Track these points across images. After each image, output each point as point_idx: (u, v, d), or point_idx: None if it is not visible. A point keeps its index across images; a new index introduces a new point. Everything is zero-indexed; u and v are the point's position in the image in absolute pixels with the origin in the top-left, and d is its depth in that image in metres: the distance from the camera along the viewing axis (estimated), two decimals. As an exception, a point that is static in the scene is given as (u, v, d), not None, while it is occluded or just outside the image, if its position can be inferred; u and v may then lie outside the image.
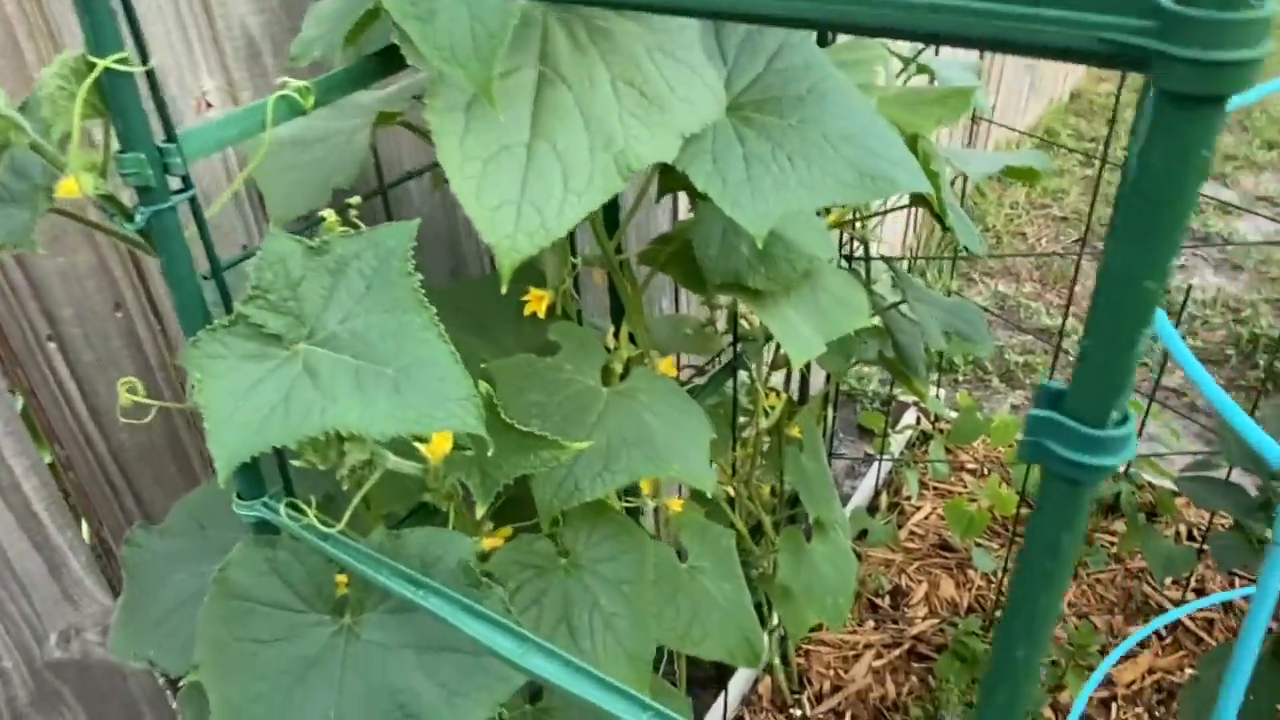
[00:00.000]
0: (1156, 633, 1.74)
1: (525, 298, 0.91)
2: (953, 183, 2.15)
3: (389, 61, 0.62)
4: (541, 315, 0.91)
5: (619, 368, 0.96)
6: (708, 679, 1.61)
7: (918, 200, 1.18)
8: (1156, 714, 1.58)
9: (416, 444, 0.65)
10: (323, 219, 0.63)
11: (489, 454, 0.64)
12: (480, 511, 0.63)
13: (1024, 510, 1.96)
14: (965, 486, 2.05)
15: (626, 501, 1.05)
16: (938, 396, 2.22)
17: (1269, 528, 1.34)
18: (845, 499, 1.92)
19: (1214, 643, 1.68)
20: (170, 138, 0.50)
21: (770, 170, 0.70)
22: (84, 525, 1.04)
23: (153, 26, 0.93)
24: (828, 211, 1.21)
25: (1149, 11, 0.21)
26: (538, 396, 0.79)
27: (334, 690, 0.59)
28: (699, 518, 1.01)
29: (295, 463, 0.60)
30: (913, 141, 1.12)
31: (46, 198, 0.51)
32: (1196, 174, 0.22)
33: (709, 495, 0.79)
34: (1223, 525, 1.77)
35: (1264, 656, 1.19)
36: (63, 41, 0.85)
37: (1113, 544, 1.88)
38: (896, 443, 2.09)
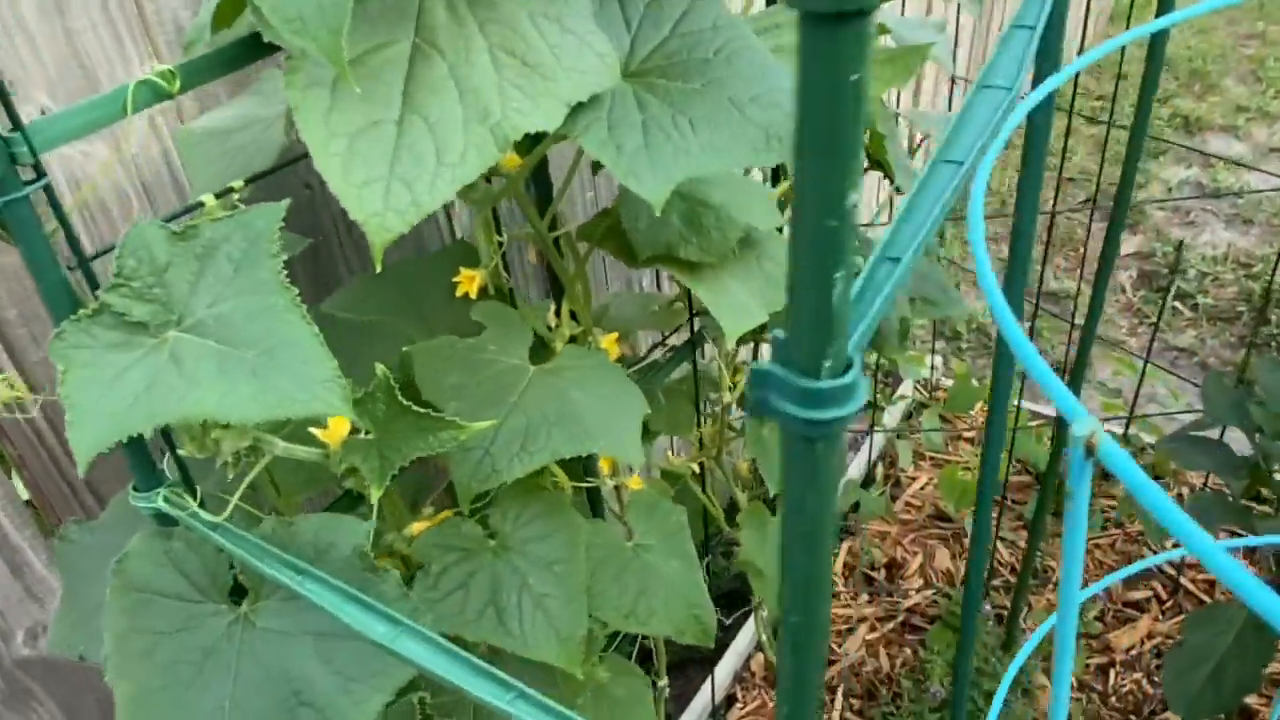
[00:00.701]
0: (1156, 596, 1.70)
1: (456, 279, 0.90)
2: (921, 142, 2.11)
3: (258, 44, 0.60)
4: (474, 296, 0.90)
5: (559, 346, 0.95)
6: (703, 659, 1.61)
7: (874, 164, 1.16)
8: (1155, 679, 1.55)
9: (313, 430, 0.64)
10: (232, 189, 0.62)
11: (385, 437, 0.63)
12: (374, 495, 0.62)
13: (1015, 477, 1.93)
14: (962, 456, 2.02)
15: (586, 482, 1.04)
16: (933, 366, 2.18)
17: (1259, 485, 1.31)
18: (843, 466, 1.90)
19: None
20: (16, 127, 0.50)
21: (670, 136, 0.68)
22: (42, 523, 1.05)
23: (77, 20, 0.93)
24: (779, 177, 1.19)
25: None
26: (458, 378, 0.78)
27: (229, 679, 0.59)
28: (649, 494, 1.00)
29: (181, 452, 0.59)
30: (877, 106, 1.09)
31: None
32: (850, 100, 0.21)
33: (671, 472, 0.78)
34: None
35: (1246, 622, 1.16)
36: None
37: (1113, 508, 1.85)
38: (892, 414, 2.07)
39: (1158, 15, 1.08)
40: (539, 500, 0.81)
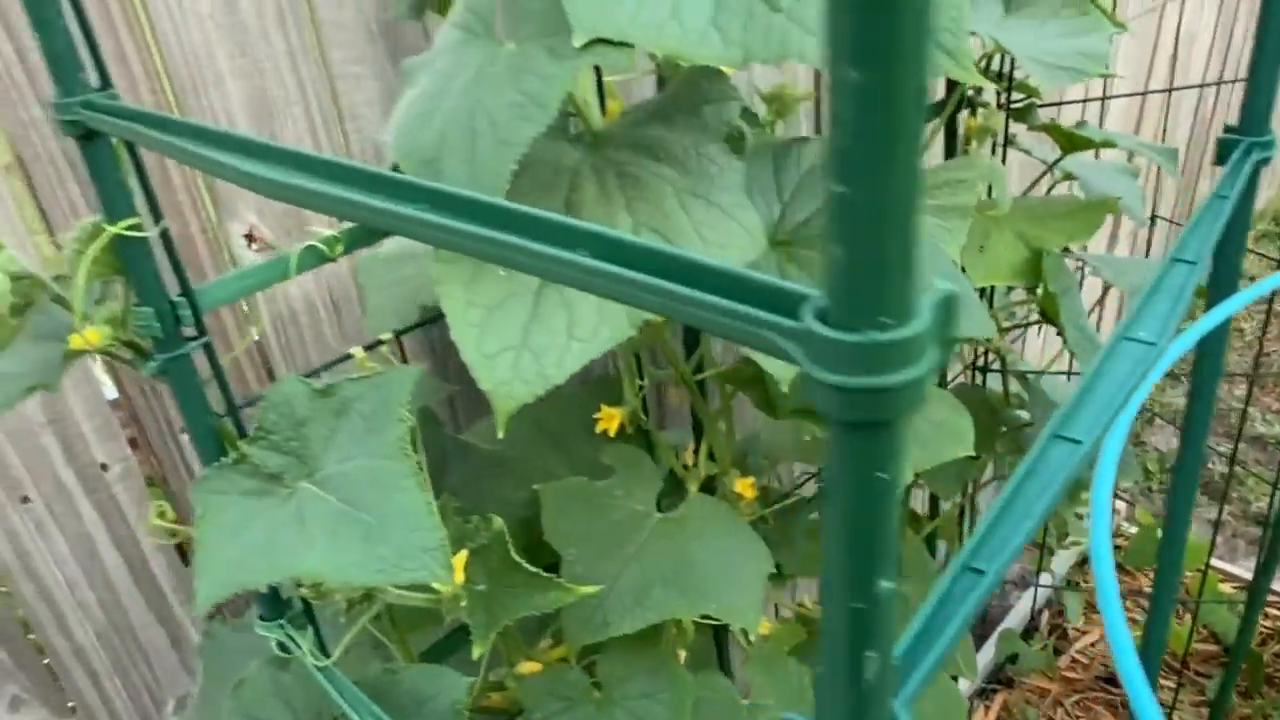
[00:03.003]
0: None
1: (597, 415, 0.91)
2: (1105, 294, 1.99)
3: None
4: (612, 433, 0.90)
5: (693, 487, 0.94)
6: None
7: (1045, 318, 1.10)
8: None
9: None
10: (381, 342, 0.66)
11: (495, 591, 0.64)
12: (477, 652, 0.62)
13: (1200, 644, 1.75)
14: (1140, 615, 1.85)
15: (712, 620, 1.02)
16: (1117, 509, 2.02)
17: None
18: (996, 619, 1.77)
19: None
20: (184, 292, 0.54)
21: (809, 311, 0.67)
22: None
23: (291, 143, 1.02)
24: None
25: (794, 326, 0.18)
26: (581, 522, 0.78)
27: (320, 820, 0.60)
28: (771, 649, 0.96)
29: (302, 591, 0.62)
30: (1036, 257, 1.04)
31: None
32: (879, 496, 0.19)
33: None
34: None
35: None
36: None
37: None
38: (1063, 560, 1.92)
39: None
40: (648, 654, 0.80)
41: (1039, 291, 1.02)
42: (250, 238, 1.03)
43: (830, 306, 0.17)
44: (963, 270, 0.96)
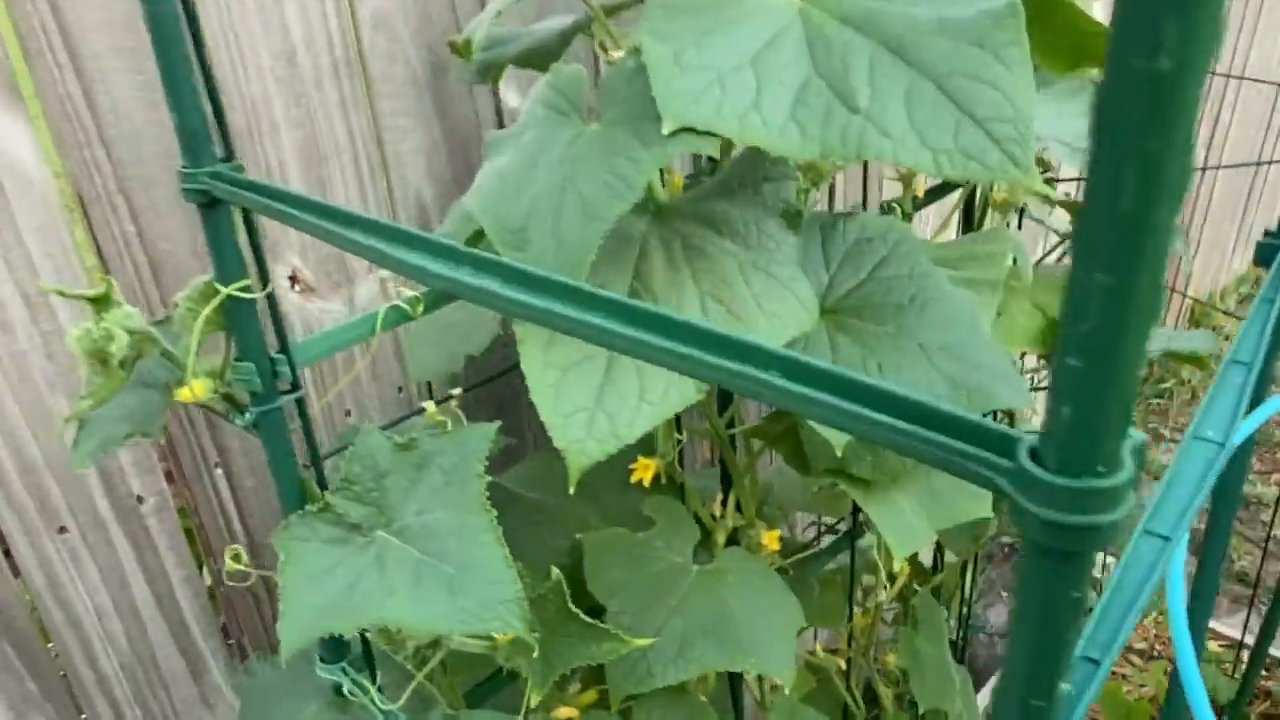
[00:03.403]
0: None
1: (632, 465, 0.94)
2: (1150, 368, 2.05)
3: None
4: (647, 484, 0.93)
5: (721, 538, 0.97)
6: None
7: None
8: None
9: (488, 625, 0.68)
10: (451, 396, 0.68)
11: (550, 641, 0.66)
12: (535, 698, 0.65)
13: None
14: (1130, 670, 1.89)
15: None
16: (1104, 566, 2.06)
17: None
18: (986, 672, 1.80)
19: None
20: (282, 349, 0.57)
21: (858, 380, 0.70)
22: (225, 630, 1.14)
23: (336, 193, 1.05)
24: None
25: (1008, 465, 0.22)
26: (623, 573, 0.81)
27: None
28: (792, 700, 0.98)
29: (369, 635, 0.64)
30: (1051, 326, 1.08)
31: (174, 392, 0.58)
32: (1068, 613, 0.22)
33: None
34: None
35: None
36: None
37: None
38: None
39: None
40: (682, 703, 0.82)
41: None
42: (294, 279, 1.05)
43: (1047, 451, 0.20)
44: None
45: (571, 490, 0.61)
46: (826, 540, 1.25)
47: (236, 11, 0.94)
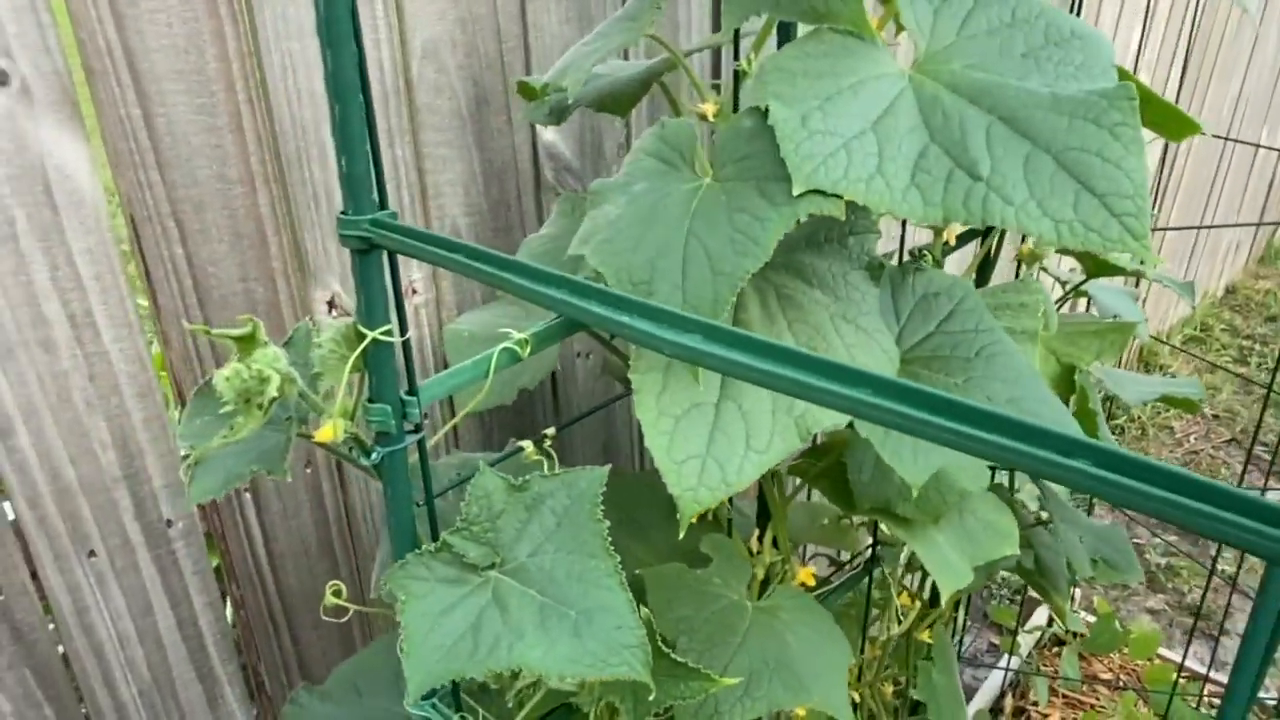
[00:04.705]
0: None
1: (679, 500, 0.95)
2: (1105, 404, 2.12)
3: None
4: (694, 520, 0.95)
5: (760, 572, 0.99)
6: None
7: (1070, 427, 1.18)
8: None
9: (578, 663, 0.69)
10: (521, 448, 0.69)
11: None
12: (630, 739, 0.66)
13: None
14: (1098, 699, 1.95)
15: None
16: (1073, 596, 2.13)
17: None
18: (969, 694, 1.85)
19: None
20: (412, 390, 0.57)
21: (935, 430, 0.73)
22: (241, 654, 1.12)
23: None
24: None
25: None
26: (687, 611, 0.82)
27: None
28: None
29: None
30: (1069, 373, 1.13)
31: (297, 428, 0.59)
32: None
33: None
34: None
35: None
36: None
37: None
38: (1026, 641, 2.02)
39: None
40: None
41: (1073, 407, 1.10)
42: (331, 304, 1.05)
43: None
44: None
45: (681, 535, 0.62)
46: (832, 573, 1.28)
47: (295, 34, 0.94)
